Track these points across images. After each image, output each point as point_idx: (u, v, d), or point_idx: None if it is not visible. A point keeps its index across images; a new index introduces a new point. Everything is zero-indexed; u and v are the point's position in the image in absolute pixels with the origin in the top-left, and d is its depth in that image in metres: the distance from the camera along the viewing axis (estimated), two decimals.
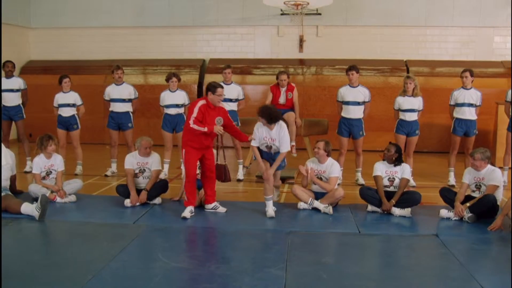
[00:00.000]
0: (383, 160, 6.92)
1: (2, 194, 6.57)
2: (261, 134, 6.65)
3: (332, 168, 6.93)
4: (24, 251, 5.32)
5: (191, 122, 6.31)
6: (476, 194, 6.49)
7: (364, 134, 8.54)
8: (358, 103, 8.39)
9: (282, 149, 6.59)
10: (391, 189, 6.76)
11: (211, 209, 6.73)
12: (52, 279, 4.53)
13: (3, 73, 9.44)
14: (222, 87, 6.47)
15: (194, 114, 6.31)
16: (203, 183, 6.78)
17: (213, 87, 6.41)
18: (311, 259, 5.14)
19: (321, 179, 6.94)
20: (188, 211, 6.41)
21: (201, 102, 6.44)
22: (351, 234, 5.97)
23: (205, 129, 6.29)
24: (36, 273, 4.68)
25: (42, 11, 14.06)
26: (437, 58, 12.91)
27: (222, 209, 6.72)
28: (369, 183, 7.69)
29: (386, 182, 6.78)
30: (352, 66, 8.41)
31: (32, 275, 4.63)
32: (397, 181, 6.75)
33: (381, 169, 6.83)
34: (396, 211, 6.59)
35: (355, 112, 8.42)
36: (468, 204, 6.32)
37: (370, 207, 6.80)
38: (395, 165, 6.81)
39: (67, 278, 4.55)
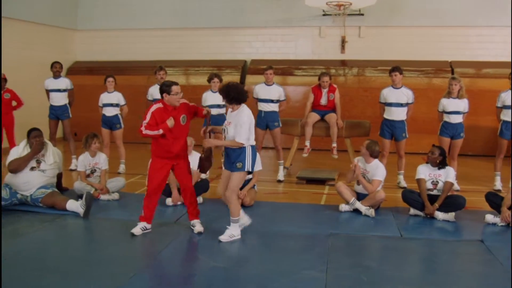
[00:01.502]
0: (427, 163, 6.79)
1: (49, 190, 6.77)
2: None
3: (377, 170, 6.85)
4: (68, 247, 5.46)
5: (142, 128, 5.59)
6: None
7: (407, 136, 8.40)
8: (401, 105, 8.26)
9: (236, 136, 5.46)
10: (435, 192, 6.63)
11: (191, 225, 5.94)
12: (95, 276, 4.62)
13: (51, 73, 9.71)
14: (177, 83, 5.69)
15: (146, 120, 5.60)
16: (183, 198, 6.10)
17: (167, 87, 5.61)
18: (352, 262, 5.10)
19: (364, 178, 6.87)
20: (139, 228, 5.76)
21: (156, 106, 5.68)
22: (393, 237, 5.88)
23: (160, 132, 5.55)
24: (79, 269, 4.79)
25: (88, 14, 14.44)
26: (482, 59, 12.57)
27: (198, 228, 5.86)
28: (412, 186, 7.56)
29: (429, 185, 6.66)
30: (396, 67, 8.29)
31: (75, 271, 4.74)
32: (440, 184, 6.62)
33: (425, 172, 6.71)
34: (440, 215, 6.45)
35: (397, 114, 8.29)
36: None
37: (412, 211, 6.69)
38: (439, 168, 6.68)
39: (110, 275, 4.64)
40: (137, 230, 5.73)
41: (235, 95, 5.46)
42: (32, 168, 6.81)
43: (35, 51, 12.68)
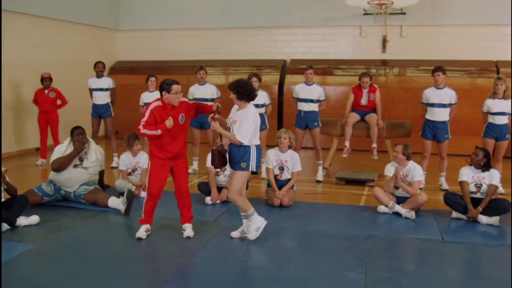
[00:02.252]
0: (470, 165, 6.64)
1: (92, 187, 6.92)
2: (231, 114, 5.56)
3: (414, 171, 6.74)
4: (109, 243, 5.57)
5: (140, 127, 5.42)
6: None
7: (449, 137, 8.22)
8: (443, 105, 8.10)
9: (237, 132, 5.30)
10: (478, 195, 6.48)
11: (182, 229, 5.77)
12: (136, 272, 4.71)
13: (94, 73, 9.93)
14: (177, 82, 5.51)
15: (145, 118, 5.44)
16: (176, 200, 5.85)
17: (167, 85, 5.44)
18: (392, 265, 5.03)
19: (403, 183, 6.77)
20: (143, 230, 5.65)
21: (154, 104, 5.53)
22: (434, 240, 5.77)
23: (158, 132, 5.39)
24: (120, 265, 4.88)
25: (130, 14, 14.69)
26: None
27: (188, 233, 5.69)
28: (453, 189, 7.41)
29: (472, 188, 6.51)
30: (439, 67, 8.12)
31: (117, 266, 4.83)
32: (484, 187, 6.46)
33: (468, 174, 6.55)
34: (483, 219, 6.30)
35: (440, 115, 8.12)
36: None
37: (454, 214, 6.55)
38: (483, 171, 6.52)
39: (150, 271, 4.71)
40: (141, 233, 5.62)
41: (246, 91, 5.33)
42: (75, 166, 6.98)
43: (79, 51, 12.98)
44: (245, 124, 5.27)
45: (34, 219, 5.98)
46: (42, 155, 10.19)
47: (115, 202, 6.64)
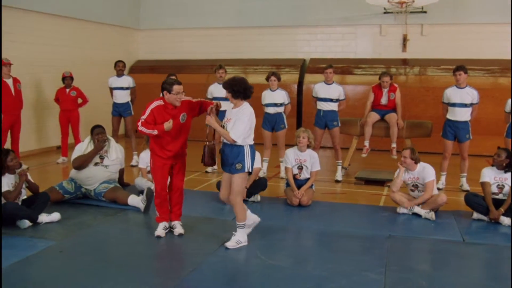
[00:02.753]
0: (492, 165, 6.55)
1: (112, 185, 6.98)
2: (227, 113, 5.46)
3: (425, 172, 6.66)
4: (129, 241, 5.60)
5: (139, 124, 5.43)
6: None
7: (471, 137, 8.12)
8: (465, 105, 8.00)
9: (230, 131, 5.15)
10: (500, 196, 6.39)
11: (170, 227, 5.79)
12: (155, 270, 4.74)
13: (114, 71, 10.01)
14: (179, 83, 5.49)
15: (144, 116, 5.46)
16: (170, 197, 5.83)
17: (169, 85, 5.43)
18: (411, 266, 4.99)
19: (417, 186, 6.70)
20: (161, 228, 5.69)
21: (156, 103, 5.53)
22: (455, 242, 5.71)
23: (154, 132, 5.40)
24: (140, 263, 4.92)
25: (150, 13, 14.79)
26: None
27: (179, 230, 5.71)
28: (475, 190, 7.33)
29: (494, 189, 6.42)
30: (460, 66, 8.02)
31: (136, 264, 4.87)
32: (507, 188, 6.37)
33: (490, 175, 6.47)
34: (505, 220, 6.21)
35: (461, 114, 8.03)
36: None
37: (475, 215, 6.47)
38: (505, 172, 6.43)
39: (169, 269, 4.74)
40: (159, 231, 5.64)
41: (241, 89, 5.16)
42: (96, 164, 7.05)
43: (100, 50, 13.10)
44: (240, 123, 5.13)
45: (55, 216, 6.05)
46: (63, 153, 10.31)
47: (135, 200, 6.69)
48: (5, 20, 10.22)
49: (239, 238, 5.34)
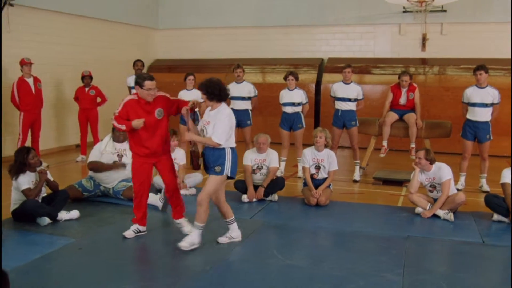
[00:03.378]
0: None
1: (130, 184, 7.01)
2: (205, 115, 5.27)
3: (441, 172, 6.57)
4: (147, 239, 5.63)
5: (113, 117, 5.45)
6: None
7: (491, 138, 8.02)
8: (485, 105, 7.90)
9: (212, 134, 5.01)
10: None
11: (178, 226, 5.74)
12: (173, 267, 4.76)
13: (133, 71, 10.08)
14: (152, 78, 5.34)
15: (117, 110, 5.41)
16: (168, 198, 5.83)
17: (141, 80, 5.29)
18: (430, 267, 4.95)
19: (435, 187, 6.63)
20: (131, 230, 5.55)
21: (129, 98, 5.46)
22: (474, 243, 5.64)
23: (123, 127, 5.32)
24: (158, 260, 4.97)
25: (168, 13, 14.86)
26: None
27: (187, 228, 5.57)
28: (495, 191, 7.24)
29: None
30: (481, 66, 7.92)
31: (154, 262, 4.92)
32: None
33: (510, 176, 6.38)
34: None
35: (482, 115, 7.93)
36: None
37: (495, 216, 6.38)
38: None
39: (187, 267, 4.76)
40: (129, 233, 5.52)
41: (215, 91, 5.02)
42: (115, 162, 7.10)
43: (119, 50, 13.20)
44: (220, 124, 4.99)
45: (74, 213, 6.11)
46: (82, 152, 10.41)
47: (153, 199, 6.72)
48: (29, 21, 10.39)
49: (193, 240, 5.16)
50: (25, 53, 9.55)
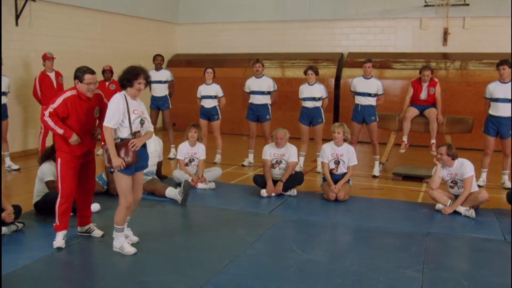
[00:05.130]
0: None
1: (150, 178, 7.08)
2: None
3: (463, 168, 6.48)
4: (167, 232, 5.66)
5: (46, 113, 4.89)
6: None
7: None
8: (509, 101, 7.77)
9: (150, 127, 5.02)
10: None
11: (85, 232, 5.37)
12: (193, 261, 4.78)
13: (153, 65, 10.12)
14: (92, 72, 5.01)
15: (54, 104, 4.92)
16: (76, 199, 5.29)
17: (80, 73, 4.95)
18: (450, 264, 4.90)
19: (456, 183, 6.55)
20: (60, 238, 5.03)
21: (70, 93, 4.99)
22: (496, 240, 5.57)
23: (60, 131, 4.91)
24: (177, 254, 4.98)
25: (188, 8, 14.90)
26: None
27: (97, 233, 5.35)
28: None
29: None
30: (504, 60, 7.80)
31: (173, 256, 4.93)
32: None
33: None
34: None
35: (505, 110, 7.80)
36: None
37: None
38: None
39: (206, 261, 4.77)
40: (59, 242, 5.03)
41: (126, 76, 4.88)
42: None
43: (139, 44, 13.27)
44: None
45: (95, 207, 6.16)
46: (103, 145, 10.48)
47: (172, 192, 6.77)
48: (51, 16, 10.50)
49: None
50: (47, 48, 9.66)
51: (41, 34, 10.22)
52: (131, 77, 4.86)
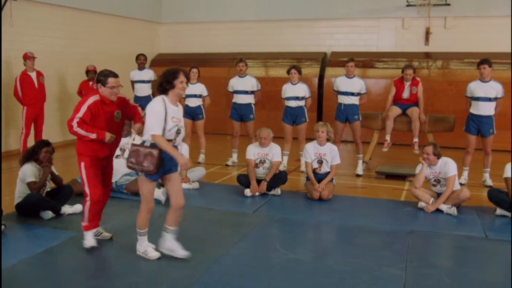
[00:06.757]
0: None
1: (133, 178, 7.04)
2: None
3: (447, 167, 6.55)
4: (150, 233, 5.62)
5: (74, 124, 4.78)
6: None
7: (495, 132, 8.00)
8: (489, 99, 7.88)
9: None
10: None
11: (96, 236, 5.21)
12: (177, 261, 4.75)
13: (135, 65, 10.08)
14: (115, 75, 4.95)
15: (80, 114, 4.80)
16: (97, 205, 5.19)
17: (103, 77, 4.89)
18: (433, 261, 4.95)
19: (439, 181, 6.62)
20: (91, 237, 5.06)
21: (93, 99, 4.87)
22: (477, 238, 5.64)
23: (94, 136, 4.82)
24: (161, 254, 4.95)
25: (172, 7, 14.86)
26: None
27: (106, 235, 5.31)
28: (498, 185, 7.22)
29: None
30: (485, 60, 7.90)
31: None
32: None
33: None
34: None
35: (485, 109, 7.91)
36: None
37: (499, 211, 6.38)
38: None
39: (192, 259, 4.75)
40: (90, 241, 5.06)
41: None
42: (117, 156, 7.07)
43: (121, 44, 13.19)
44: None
45: (78, 207, 6.12)
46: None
47: (156, 193, 6.72)
48: (32, 15, 10.38)
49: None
50: (28, 48, 9.56)
51: (22, 33, 10.11)
52: (171, 77, 4.62)
